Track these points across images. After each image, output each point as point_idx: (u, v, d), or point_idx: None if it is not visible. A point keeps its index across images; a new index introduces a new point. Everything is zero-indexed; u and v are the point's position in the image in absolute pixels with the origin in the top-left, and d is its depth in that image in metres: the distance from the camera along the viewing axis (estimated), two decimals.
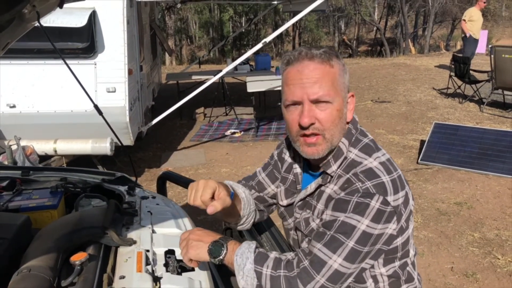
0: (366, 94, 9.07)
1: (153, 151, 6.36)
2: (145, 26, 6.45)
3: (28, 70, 4.64)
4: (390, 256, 1.17)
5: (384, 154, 1.20)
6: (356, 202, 1.09)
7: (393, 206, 1.10)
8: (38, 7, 1.65)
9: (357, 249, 1.08)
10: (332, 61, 1.15)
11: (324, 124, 1.15)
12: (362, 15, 26.07)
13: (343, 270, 1.09)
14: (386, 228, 1.11)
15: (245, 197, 1.40)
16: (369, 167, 1.14)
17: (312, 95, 1.13)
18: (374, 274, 1.19)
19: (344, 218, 1.10)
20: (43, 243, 1.25)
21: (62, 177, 1.92)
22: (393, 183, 1.12)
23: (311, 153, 1.18)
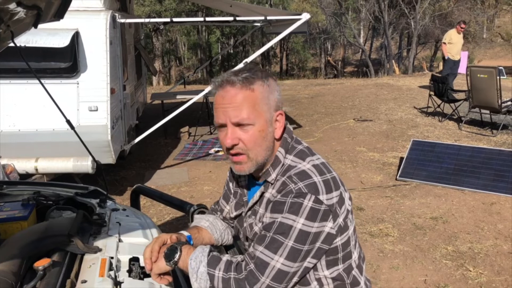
0: (349, 113, 9.24)
1: (137, 169, 6.38)
2: (129, 46, 6.56)
3: (10, 90, 4.69)
4: (332, 257, 1.23)
5: (319, 158, 1.30)
6: (291, 202, 1.17)
7: (327, 204, 1.17)
8: (12, 26, 1.73)
9: (296, 247, 1.15)
10: (254, 85, 1.22)
11: (247, 144, 1.23)
12: (347, 37, 26.64)
13: (286, 269, 1.16)
14: (323, 226, 1.17)
15: (210, 224, 1.52)
16: (302, 169, 1.23)
17: (233, 119, 1.21)
18: (318, 276, 1.25)
19: (281, 218, 1.17)
20: (8, 250, 1.30)
21: (35, 191, 1.96)
22: (325, 183, 1.20)
23: (238, 170, 1.28)
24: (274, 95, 1.26)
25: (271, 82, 1.26)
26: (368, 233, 4.02)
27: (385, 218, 4.33)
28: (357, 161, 6.15)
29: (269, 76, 1.27)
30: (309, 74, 27.67)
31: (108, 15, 4.96)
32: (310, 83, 15.64)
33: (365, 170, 5.79)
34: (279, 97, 1.28)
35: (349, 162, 6.10)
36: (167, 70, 27.35)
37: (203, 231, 1.49)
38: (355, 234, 1.31)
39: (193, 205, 1.90)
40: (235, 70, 1.27)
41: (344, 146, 6.88)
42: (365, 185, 5.27)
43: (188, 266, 1.22)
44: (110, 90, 4.87)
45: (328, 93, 11.94)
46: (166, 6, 19.22)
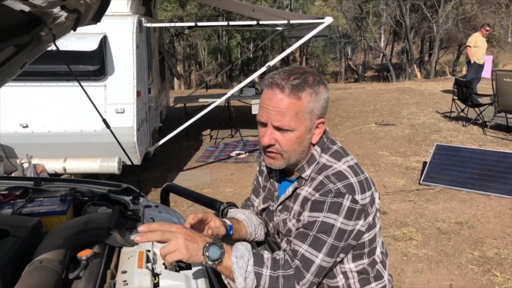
0: (371, 117, 9.19)
1: (160, 171, 6.49)
2: (154, 50, 6.69)
3: (41, 92, 4.85)
4: (358, 252, 1.28)
5: (352, 159, 1.34)
6: (331, 202, 1.21)
7: (361, 204, 1.23)
8: (54, 30, 1.81)
9: (335, 244, 1.21)
10: (302, 93, 1.24)
11: (282, 147, 1.27)
12: (368, 41, 26.46)
13: (326, 265, 1.22)
14: (356, 225, 1.24)
15: (246, 217, 1.56)
16: (339, 170, 1.27)
17: (274, 122, 1.25)
18: (344, 270, 1.29)
19: (323, 218, 1.22)
20: (53, 240, 1.36)
21: (71, 187, 2.04)
22: (360, 184, 1.25)
23: (269, 163, 1.33)
24: (320, 104, 1.28)
25: (321, 90, 1.27)
26: (392, 236, 4.00)
27: (409, 222, 4.30)
28: (379, 165, 6.11)
29: (320, 82, 1.28)
30: (329, 79, 27.59)
31: (134, 19, 5.08)
32: (330, 87, 15.58)
33: (388, 174, 5.76)
34: (325, 104, 1.30)
35: (371, 166, 6.07)
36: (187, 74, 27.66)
37: (241, 223, 1.53)
38: (380, 231, 1.36)
39: (223, 202, 1.95)
40: (287, 71, 1.27)
41: (366, 150, 6.85)
42: (388, 189, 5.23)
43: (231, 265, 1.19)
44: (136, 93, 4.98)
45: (349, 97, 11.89)
46: (188, 11, 19.50)
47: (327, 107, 1.32)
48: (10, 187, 1.98)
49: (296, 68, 1.30)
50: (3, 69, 1.84)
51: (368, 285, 1.33)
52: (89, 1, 1.72)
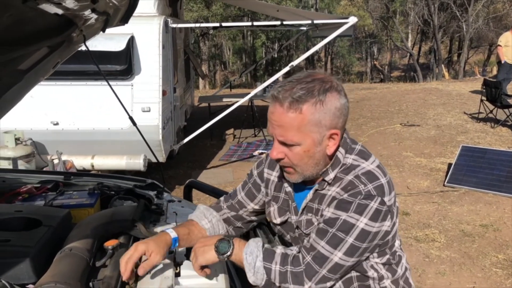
0: (396, 117, 9.07)
1: (184, 169, 6.60)
2: (179, 50, 6.81)
3: (70, 90, 5.02)
4: (383, 248, 1.29)
5: (375, 159, 1.32)
6: (358, 203, 1.19)
7: (388, 205, 1.22)
8: (84, 31, 1.90)
9: (356, 245, 1.20)
10: (304, 105, 1.17)
11: (292, 161, 1.24)
12: (394, 40, 26.07)
13: (342, 263, 1.21)
14: (382, 226, 1.22)
15: (211, 227, 1.49)
16: (368, 169, 1.24)
17: (278, 137, 1.22)
18: (371, 264, 1.30)
19: (346, 217, 1.20)
20: (82, 230, 1.44)
21: (99, 182, 2.13)
22: (388, 185, 1.24)
23: (287, 177, 1.32)
24: (330, 113, 1.20)
25: (329, 99, 1.19)
26: (414, 238, 3.97)
27: (432, 224, 4.25)
28: (403, 166, 6.05)
29: (328, 90, 1.19)
30: (354, 79, 27.31)
31: (161, 20, 5.20)
32: (355, 87, 15.44)
33: (412, 175, 5.69)
34: (337, 113, 1.21)
35: (395, 167, 6.01)
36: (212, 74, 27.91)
37: (196, 233, 1.45)
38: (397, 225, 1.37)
39: None
40: (294, 81, 1.21)
41: (390, 150, 6.79)
42: (412, 190, 5.18)
43: (243, 260, 1.24)
44: (162, 92, 5.10)
45: (374, 97, 11.77)
46: (213, 12, 19.69)
47: (344, 116, 1.24)
48: (42, 180, 2.08)
49: (307, 76, 1.23)
50: (37, 69, 1.94)
51: (394, 272, 1.34)
52: (118, 4, 1.80)
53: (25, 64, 1.82)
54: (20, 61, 1.76)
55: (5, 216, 1.48)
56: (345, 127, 1.32)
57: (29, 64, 1.84)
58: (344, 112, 1.23)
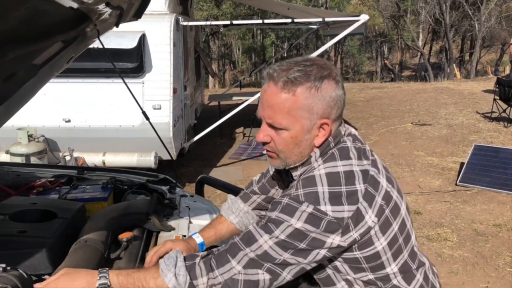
0: (406, 117, 9.00)
1: (194, 167, 6.61)
2: (190, 49, 6.82)
3: (82, 88, 5.05)
4: (354, 265, 1.17)
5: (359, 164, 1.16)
6: (287, 203, 1.10)
7: (333, 216, 1.08)
8: (98, 26, 1.91)
9: (287, 240, 1.09)
10: (298, 88, 1.11)
11: (277, 146, 1.16)
12: (405, 40, 25.87)
13: (273, 254, 1.10)
14: (322, 235, 1.08)
15: (239, 221, 1.47)
16: (312, 175, 1.14)
17: (267, 119, 1.15)
18: (345, 277, 1.20)
19: (278, 214, 1.11)
20: (96, 222, 1.45)
21: (112, 176, 2.14)
22: (332, 194, 1.10)
23: (269, 161, 1.25)
24: (323, 101, 1.13)
25: (325, 86, 1.12)
26: (426, 237, 3.93)
27: (444, 223, 4.21)
28: (414, 165, 6.00)
29: (325, 77, 1.13)
30: (365, 78, 27.18)
31: (172, 18, 5.21)
32: (365, 86, 15.36)
33: (423, 175, 5.64)
34: (331, 103, 1.14)
35: (407, 166, 5.96)
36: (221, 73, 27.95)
37: (223, 231, 1.44)
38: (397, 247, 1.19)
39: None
40: (292, 63, 1.15)
41: (401, 150, 6.73)
42: (423, 190, 5.13)
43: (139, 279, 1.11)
44: (173, 89, 5.11)
45: (385, 97, 11.69)
46: (223, 11, 19.72)
47: (338, 108, 1.16)
48: (56, 175, 2.10)
49: (306, 59, 1.17)
50: (51, 64, 1.95)
51: None
52: None
53: (40, 58, 1.83)
54: (35, 55, 1.77)
55: (21, 208, 1.49)
56: (350, 131, 1.24)
57: (43, 58, 1.85)
58: (338, 104, 1.16)
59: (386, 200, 1.16)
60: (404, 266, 1.22)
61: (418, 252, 1.28)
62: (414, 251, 1.26)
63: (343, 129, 1.22)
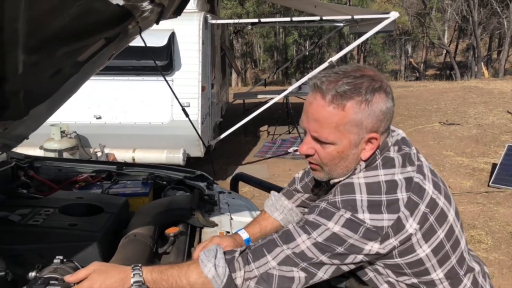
0: (434, 116, 8.84)
1: (220, 165, 6.64)
2: (217, 47, 6.85)
3: (113, 85, 5.13)
4: (397, 271, 1.16)
5: (395, 173, 1.12)
6: (325, 208, 1.10)
7: (372, 225, 1.07)
8: (140, 23, 1.93)
9: (323, 243, 1.08)
10: (348, 102, 1.07)
11: (322, 160, 1.14)
12: (431, 37, 25.38)
13: (310, 254, 1.09)
14: (360, 241, 1.07)
15: (284, 217, 1.47)
16: (351, 181, 1.12)
17: (312, 132, 1.12)
18: (387, 280, 1.19)
19: (316, 218, 1.10)
20: (142, 217, 1.47)
21: (150, 172, 2.17)
22: (372, 203, 1.08)
23: (313, 174, 1.23)
24: (374, 116, 1.09)
25: (376, 100, 1.08)
26: None
27: (477, 225, 4.11)
28: (444, 166, 5.88)
29: (377, 91, 1.08)
30: (389, 77, 26.74)
31: (201, 16, 5.24)
32: (390, 85, 15.12)
33: (453, 175, 5.52)
34: (381, 116, 1.10)
35: (435, 166, 5.83)
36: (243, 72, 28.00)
37: (268, 227, 1.44)
38: (446, 253, 1.17)
39: None
40: (340, 73, 1.10)
41: (430, 150, 6.61)
42: (454, 191, 5.02)
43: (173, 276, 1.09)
44: (201, 87, 5.14)
45: (411, 96, 11.49)
46: (247, 9, 19.74)
47: (387, 120, 1.11)
48: (96, 170, 2.13)
49: (355, 69, 1.12)
50: (94, 60, 1.98)
51: None
52: None
53: (84, 55, 1.86)
54: (80, 52, 1.79)
55: (69, 202, 1.52)
56: (389, 132, 1.19)
57: (87, 55, 1.88)
58: (388, 116, 1.12)
59: (431, 207, 1.13)
60: (450, 272, 1.19)
61: (467, 257, 1.25)
62: (463, 257, 1.23)
63: (390, 138, 1.19)
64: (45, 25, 1.28)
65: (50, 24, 1.30)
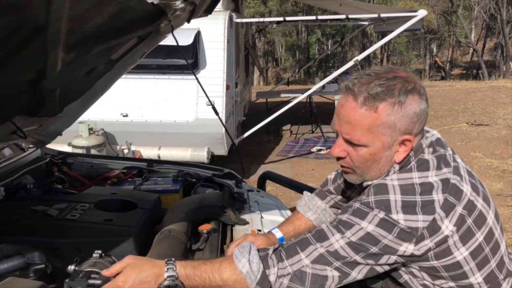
0: (461, 116, 8.65)
1: (243, 163, 6.65)
2: (240, 46, 6.87)
3: (139, 84, 5.20)
4: (433, 273, 1.14)
5: (430, 176, 1.10)
6: (358, 208, 1.09)
7: (406, 226, 1.05)
8: (172, 21, 1.95)
9: (356, 242, 1.07)
10: (380, 104, 1.06)
11: (354, 162, 1.14)
12: (457, 36, 24.83)
13: (343, 253, 1.08)
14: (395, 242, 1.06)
15: (317, 217, 1.46)
16: (384, 183, 1.11)
17: (344, 134, 1.11)
18: (423, 283, 1.17)
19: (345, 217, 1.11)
20: (175, 214, 1.48)
21: (179, 170, 2.19)
22: (406, 203, 1.07)
23: (345, 177, 1.22)
24: (407, 117, 1.08)
25: (409, 101, 1.07)
26: None
27: (508, 228, 4.00)
28: (472, 167, 5.69)
29: (410, 92, 1.07)
30: None
31: (226, 15, 5.26)
32: None
33: (482, 177, 5.36)
34: (415, 118, 1.08)
35: None
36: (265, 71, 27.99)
37: (302, 227, 1.43)
38: (486, 257, 1.15)
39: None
40: (372, 75, 1.09)
41: (457, 151, 6.31)
42: None
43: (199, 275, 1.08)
44: (226, 86, 5.16)
45: (437, 95, 11.27)
46: (270, 8, 19.71)
47: (421, 122, 1.10)
48: (127, 166, 2.17)
49: (388, 71, 1.11)
50: (126, 58, 2.01)
51: None
52: None
53: (117, 53, 1.89)
54: (114, 50, 1.82)
55: (103, 198, 1.55)
56: (423, 134, 1.17)
57: (120, 53, 1.91)
58: (422, 118, 1.10)
59: (468, 209, 1.11)
60: (490, 276, 1.17)
61: (507, 260, 1.21)
62: (503, 261, 1.19)
63: (424, 140, 1.17)
64: (85, 23, 1.30)
65: (89, 22, 1.33)
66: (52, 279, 1.20)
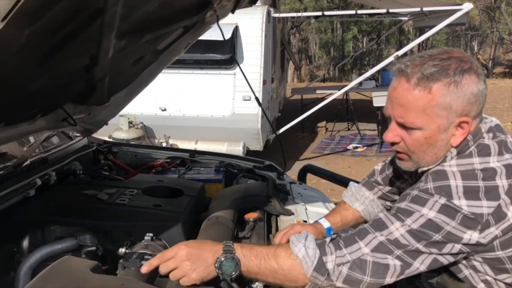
0: (505, 115, 8.31)
1: (277, 159, 6.59)
2: (277, 41, 6.84)
3: (177, 79, 5.27)
4: (497, 266, 1.09)
5: (492, 161, 1.06)
6: (417, 195, 1.06)
7: (470, 211, 1.01)
8: (218, 11, 1.95)
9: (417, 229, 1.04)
10: (435, 84, 1.03)
11: (409, 147, 1.10)
12: (500, 32, 23.87)
13: (404, 241, 1.05)
14: (458, 229, 1.02)
15: (365, 209, 1.42)
16: (442, 169, 1.07)
17: (397, 118, 1.08)
18: (485, 278, 1.12)
19: (404, 206, 1.07)
20: (222, 202, 1.49)
21: (220, 160, 2.19)
22: (467, 189, 1.03)
23: (399, 163, 1.18)
24: (464, 98, 1.04)
25: (466, 81, 1.03)
26: None
27: None
28: None
29: (466, 72, 1.03)
30: None
31: (264, 10, 5.25)
32: None
33: None
34: (472, 99, 1.04)
35: None
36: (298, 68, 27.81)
37: (349, 218, 1.41)
38: None
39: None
40: (425, 57, 1.07)
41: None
42: None
43: (254, 267, 1.06)
44: (262, 81, 5.16)
45: None
46: (305, 4, 19.56)
47: (479, 103, 1.06)
48: (170, 156, 2.20)
49: (442, 52, 1.08)
50: (171, 49, 2.03)
51: None
52: None
53: (163, 43, 1.91)
54: (161, 40, 1.84)
55: (151, 184, 1.57)
56: (482, 117, 1.12)
57: (166, 43, 1.93)
58: (480, 99, 1.06)
59: None
60: None
61: None
62: None
63: (483, 124, 1.12)
64: (137, 10, 1.32)
65: (141, 9, 1.34)
66: (103, 261, 1.22)
